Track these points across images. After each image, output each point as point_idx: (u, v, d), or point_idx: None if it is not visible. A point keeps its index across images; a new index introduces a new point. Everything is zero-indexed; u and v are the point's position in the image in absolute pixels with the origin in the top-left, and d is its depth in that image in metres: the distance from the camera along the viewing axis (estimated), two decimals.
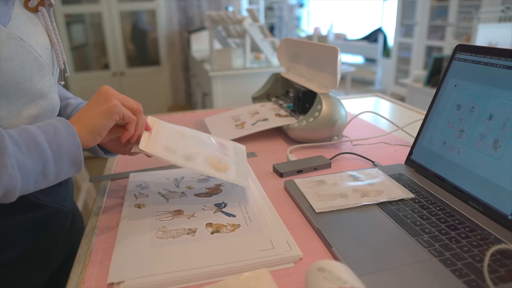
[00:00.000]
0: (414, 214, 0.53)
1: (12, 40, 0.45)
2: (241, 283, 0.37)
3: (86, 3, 3.33)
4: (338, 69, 0.79)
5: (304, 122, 0.83)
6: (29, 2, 0.50)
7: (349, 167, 0.72)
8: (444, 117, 0.63)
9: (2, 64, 0.44)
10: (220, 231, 0.51)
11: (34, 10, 0.51)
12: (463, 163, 0.57)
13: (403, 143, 0.84)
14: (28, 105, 0.49)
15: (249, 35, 2.23)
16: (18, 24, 0.47)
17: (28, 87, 0.48)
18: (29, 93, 0.49)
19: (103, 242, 0.51)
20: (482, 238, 0.47)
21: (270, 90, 1.10)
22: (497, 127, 0.53)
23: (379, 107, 1.21)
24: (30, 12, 0.50)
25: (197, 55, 2.89)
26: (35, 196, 0.56)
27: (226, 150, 0.65)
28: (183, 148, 0.58)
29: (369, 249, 0.46)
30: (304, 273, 0.44)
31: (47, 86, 0.52)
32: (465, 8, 3.84)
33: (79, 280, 0.44)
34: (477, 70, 0.58)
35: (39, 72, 0.50)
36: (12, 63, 0.45)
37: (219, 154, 0.62)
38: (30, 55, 0.48)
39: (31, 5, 0.50)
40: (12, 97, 0.47)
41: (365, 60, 6.17)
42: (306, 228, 0.53)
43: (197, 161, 0.57)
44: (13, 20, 0.46)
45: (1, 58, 0.44)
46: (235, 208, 0.57)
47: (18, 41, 0.46)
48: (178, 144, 0.58)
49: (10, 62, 0.45)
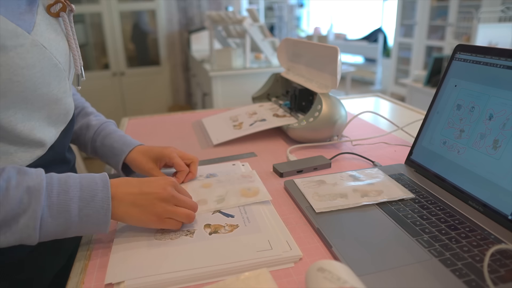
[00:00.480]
0: (414, 214, 0.53)
1: (35, 48, 0.45)
2: (241, 283, 0.37)
3: (86, 3, 3.33)
4: (338, 69, 0.79)
5: (304, 122, 0.83)
6: (52, 8, 0.50)
7: (349, 167, 0.72)
8: (444, 117, 0.63)
9: (25, 71, 0.44)
10: (218, 231, 0.51)
11: (56, 16, 0.51)
12: (463, 163, 0.57)
13: (403, 143, 0.84)
14: (41, 109, 0.50)
15: (249, 35, 2.23)
16: (41, 31, 0.47)
17: (46, 93, 0.49)
18: (45, 98, 0.49)
19: (103, 242, 0.51)
20: (482, 238, 0.47)
21: (270, 90, 1.10)
22: (497, 127, 0.53)
23: (379, 107, 1.21)
24: (51, 17, 0.51)
25: (197, 55, 2.89)
26: None
27: (250, 178, 0.67)
28: (212, 197, 0.61)
29: (369, 249, 0.46)
30: (304, 273, 0.44)
31: (62, 91, 0.52)
32: (465, 8, 3.84)
33: (79, 280, 0.44)
34: (477, 70, 0.58)
35: (56, 78, 0.50)
36: (33, 70, 0.45)
37: (245, 184, 0.64)
38: (50, 61, 0.48)
39: (53, 10, 0.51)
40: (29, 101, 0.47)
41: (365, 60, 6.17)
42: (306, 228, 0.53)
43: (229, 199, 0.59)
44: (37, 27, 0.47)
45: (24, 66, 0.44)
46: (233, 208, 0.57)
47: (40, 49, 0.46)
48: (207, 195, 0.61)
49: (32, 69, 0.45)
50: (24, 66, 0.44)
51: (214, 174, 0.69)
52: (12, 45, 0.42)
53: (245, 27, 2.17)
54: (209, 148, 0.85)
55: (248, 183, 0.64)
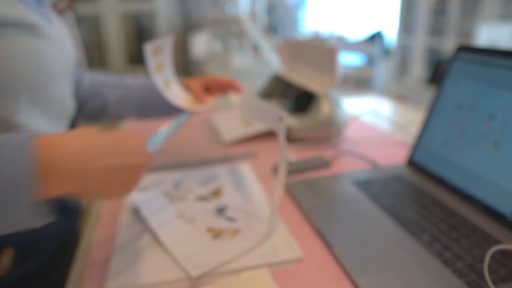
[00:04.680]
0: (414, 214, 0.53)
1: (57, 41, 0.45)
2: (241, 283, 0.37)
3: (86, 3, 3.33)
4: (337, 69, 0.79)
5: (304, 122, 0.83)
6: (58, 5, 0.51)
7: (349, 167, 0.72)
8: (444, 117, 0.63)
9: (50, 63, 0.43)
10: (221, 236, 0.50)
11: (60, 13, 0.51)
12: (463, 163, 0.57)
13: (403, 143, 0.84)
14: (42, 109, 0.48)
15: (249, 35, 2.23)
16: (57, 26, 0.47)
17: (60, 88, 0.48)
18: (60, 93, 0.48)
19: (103, 242, 0.51)
20: (482, 238, 0.47)
21: (270, 90, 1.10)
22: (498, 128, 0.53)
23: (379, 107, 1.21)
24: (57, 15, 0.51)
25: (197, 55, 2.89)
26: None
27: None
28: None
29: (369, 249, 0.46)
30: (304, 273, 0.44)
31: (69, 88, 0.52)
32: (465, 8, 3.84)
33: (79, 280, 0.44)
34: (478, 70, 0.58)
35: (68, 74, 0.50)
36: (54, 62, 0.44)
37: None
38: (67, 56, 0.48)
39: (60, 7, 0.51)
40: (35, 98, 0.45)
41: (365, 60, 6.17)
42: (306, 228, 0.53)
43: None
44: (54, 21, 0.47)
45: (49, 57, 0.43)
46: (236, 212, 0.56)
47: (60, 41, 0.46)
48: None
49: (53, 62, 0.44)
50: (49, 58, 0.43)
51: (215, 177, 0.69)
52: (40, 34, 0.41)
53: (245, 27, 2.17)
54: (209, 148, 0.85)
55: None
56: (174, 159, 0.78)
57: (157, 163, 0.76)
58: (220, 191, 0.63)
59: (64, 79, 0.49)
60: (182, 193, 0.62)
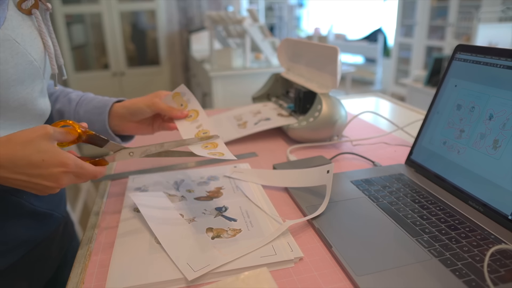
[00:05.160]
0: (414, 214, 0.53)
1: (7, 42, 0.44)
2: (241, 283, 0.37)
3: (86, 3, 3.33)
4: (338, 69, 0.79)
5: (304, 122, 0.83)
6: (23, 4, 0.49)
7: (349, 167, 0.72)
8: (444, 117, 0.63)
9: None
10: (221, 236, 0.50)
11: (28, 13, 0.50)
12: (463, 163, 0.57)
13: (403, 143, 0.84)
14: (16, 109, 0.48)
15: (249, 35, 2.23)
16: (13, 26, 0.46)
17: (19, 91, 0.47)
18: (19, 96, 0.47)
19: (103, 242, 0.51)
20: (482, 238, 0.47)
21: (270, 90, 1.10)
22: (497, 127, 0.53)
23: (379, 107, 1.21)
24: (24, 14, 0.49)
25: (197, 55, 2.89)
26: (29, 202, 0.54)
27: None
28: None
29: (369, 249, 0.46)
30: (304, 273, 0.44)
31: (36, 90, 0.50)
32: (465, 8, 3.84)
33: (79, 280, 0.44)
34: (477, 70, 0.58)
35: (30, 76, 0.48)
36: (6, 65, 0.44)
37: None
38: (25, 58, 0.47)
39: (24, 6, 0.49)
40: (2, 100, 0.45)
41: (365, 60, 6.17)
42: (306, 228, 0.53)
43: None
44: (7, 21, 0.45)
45: None
46: (235, 212, 0.56)
47: (13, 43, 0.45)
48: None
49: (4, 65, 0.44)
50: None
51: (215, 177, 0.69)
52: None
53: (245, 27, 2.17)
54: None
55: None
56: (174, 159, 0.78)
57: (157, 163, 0.76)
58: (220, 191, 0.63)
59: (29, 79, 0.48)
60: (182, 193, 0.62)
